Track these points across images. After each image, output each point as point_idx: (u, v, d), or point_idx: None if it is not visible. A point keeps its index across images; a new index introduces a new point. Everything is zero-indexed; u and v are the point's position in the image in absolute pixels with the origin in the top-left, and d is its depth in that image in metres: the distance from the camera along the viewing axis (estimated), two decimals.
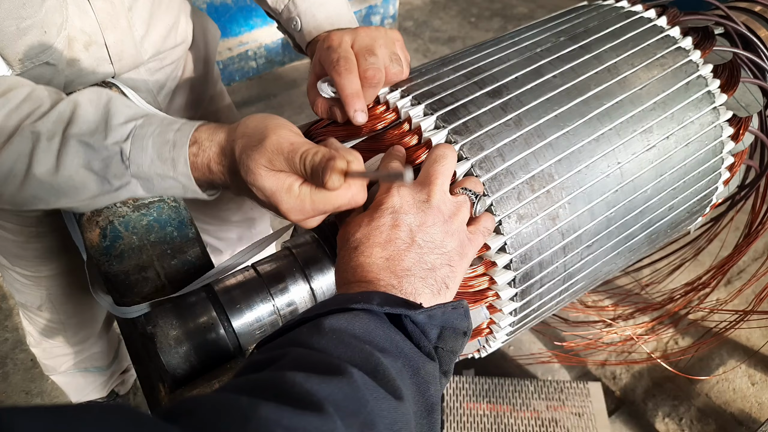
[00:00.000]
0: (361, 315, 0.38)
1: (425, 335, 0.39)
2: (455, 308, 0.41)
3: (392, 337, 0.38)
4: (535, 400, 1.28)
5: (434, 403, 0.37)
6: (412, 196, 0.46)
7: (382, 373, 0.35)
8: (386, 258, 0.43)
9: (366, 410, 0.32)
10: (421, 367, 0.37)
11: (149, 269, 0.59)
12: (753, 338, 1.47)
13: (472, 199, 0.49)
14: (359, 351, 0.35)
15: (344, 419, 0.30)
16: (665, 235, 0.72)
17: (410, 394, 0.36)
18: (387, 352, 0.36)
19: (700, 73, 0.64)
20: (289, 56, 2.10)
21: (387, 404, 0.33)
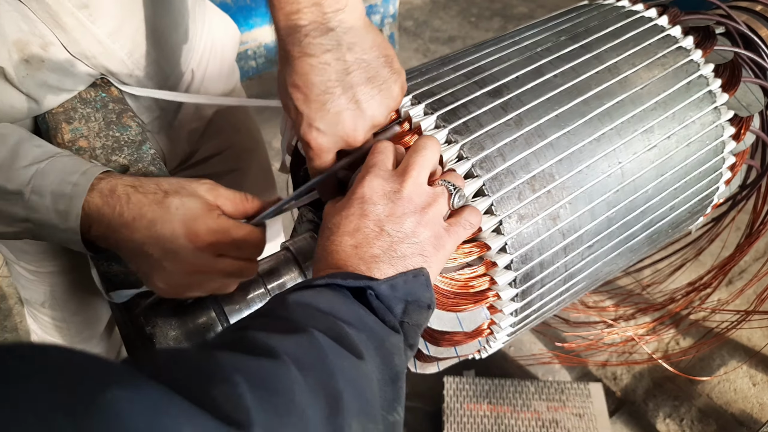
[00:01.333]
0: (325, 291, 0.40)
1: (391, 310, 0.41)
2: (416, 276, 0.42)
3: (356, 311, 0.39)
4: (536, 401, 1.28)
5: (399, 372, 0.39)
6: (383, 186, 0.46)
7: (346, 339, 0.36)
8: (354, 246, 0.44)
9: (325, 364, 0.33)
10: (385, 339, 0.39)
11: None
12: (754, 339, 1.46)
13: (451, 190, 0.48)
14: (323, 320, 0.37)
15: (301, 370, 0.31)
16: (666, 235, 0.71)
17: (374, 363, 0.37)
18: (351, 325, 0.38)
19: (701, 72, 0.64)
20: None
21: (348, 362, 0.35)
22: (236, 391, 0.27)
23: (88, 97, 0.70)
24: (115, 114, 0.70)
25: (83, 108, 0.70)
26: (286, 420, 0.29)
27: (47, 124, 0.68)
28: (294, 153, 0.65)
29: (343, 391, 0.33)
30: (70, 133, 0.67)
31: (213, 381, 0.27)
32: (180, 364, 0.28)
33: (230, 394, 0.27)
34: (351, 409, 0.33)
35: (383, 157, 0.49)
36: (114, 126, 0.69)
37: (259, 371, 0.30)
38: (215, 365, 0.28)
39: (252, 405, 0.27)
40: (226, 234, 0.49)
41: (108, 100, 0.71)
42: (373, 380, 0.36)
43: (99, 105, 0.70)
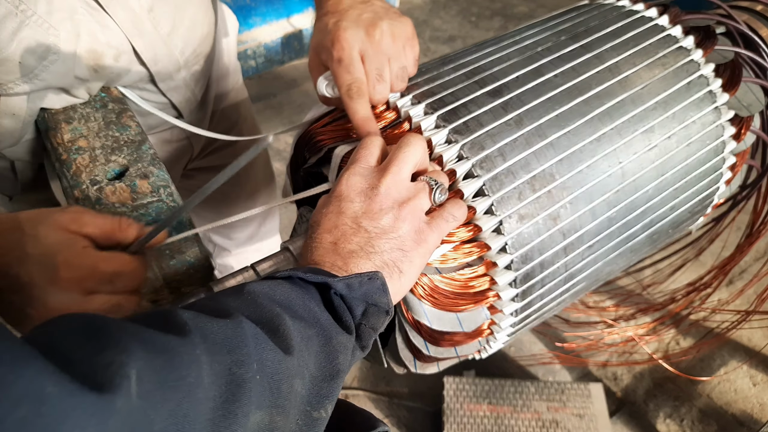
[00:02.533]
0: (284, 284, 0.40)
1: (351, 310, 0.41)
2: (371, 279, 0.42)
3: (310, 307, 0.40)
4: (536, 401, 1.28)
5: (339, 371, 0.39)
6: (362, 182, 0.47)
7: (282, 333, 0.36)
8: (333, 242, 0.45)
9: (242, 353, 0.33)
10: (333, 337, 0.40)
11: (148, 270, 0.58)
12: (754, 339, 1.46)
13: (432, 185, 0.48)
14: (267, 311, 0.37)
15: (212, 354, 0.31)
16: (667, 235, 0.71)
17: (313, 358, 0.38)
18: (301, 319, 0.38)
19: (702, 72, 0.64)
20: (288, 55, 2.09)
21: (272, 355, 0.35)
22: (120, 358, 0.26)
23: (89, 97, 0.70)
24: (114, 114, 0.70)
25: (83, 108, 0.69)
26: (170, 395, 0.28)
27: (47, 124, 0.68)
28: (293, 157, 0.65)
29: (249, 381, 0.33)
30: (69, 133, 0.67)
31: (99, 346, 0.27)
32: (72, 327, 0.28)
33: (112, 361, 0.26)
34: (255, 400, 0.33)
35: (367, 152, 0.49)
36: (114, 126, 0.69)
37: (159, 345, 0.29)
38: (111, 331, 0.28)
39: (134, 374, 0.26)
40: (92, 269, 0.44)
41: (108, 100, 0.71)
42: (299, 375, 0.36)
43: (99, 105, 0.70)
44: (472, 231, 0.52)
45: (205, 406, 0.30)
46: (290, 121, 2.17)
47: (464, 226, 0.52)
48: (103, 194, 0.61)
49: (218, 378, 0.31)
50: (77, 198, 0.61)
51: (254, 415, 0.33)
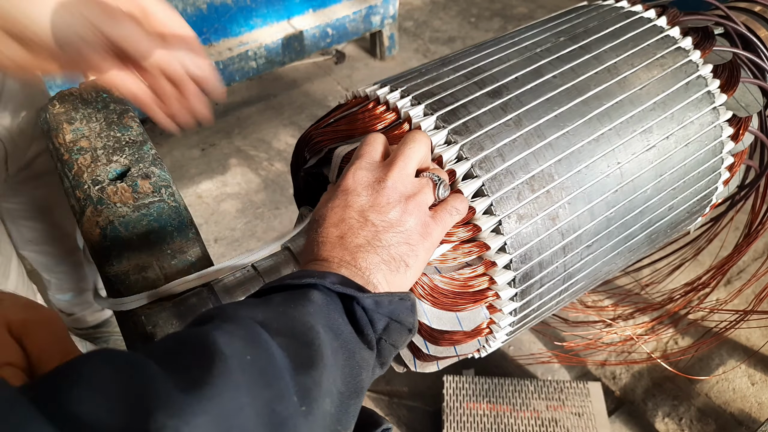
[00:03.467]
0: (314, 293, 0.39)
1: (372, 324, 0.40)
2: (402, 299, 0.41)
3: (335, 319, 0.38)
4: (535, 400, 1.28)
5: (363, 388, 0.38)
6: (368, 176, 0.47)
7: (315, 347, 0.34)
8: (339, 236, 0.44)
9: (279, 386, 0.31)
10: (356, 352, 0.38)
11: (149, 269, 0.59)
12: (753, 338, 1.47)
13: (435, 181, 0.49)
14: (300, 324, 0.35)
15: (252, 391, 0.29)
16: (665, 235, 0.72)
17: (339, 373, 0.36)
18: (330, 330, 0.37)
19: (700, 73, 0.64)
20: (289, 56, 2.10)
21: (305, 379, 0.32)
22: (174, 424, 0.25)
23: (89, 98, 0.71)
24: (116, 114, 0.70)
25: (84, 108, 0.70)
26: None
27: (48, 125, 0.68)
28: (294, 154, 0.65)
29: (290, 418, 0.30)
30: (71, 134, 0.67)
31: (144, 409, 0.25)
32: (103, 377, 0.26)
33: (164, 425, 0.25)
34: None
35: (371, 148, 0.49)
36: (115, 126, 0.69)
37: (201, 396, 0.27)
38: (157, 389, 0.26)
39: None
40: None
41: (109, 101, 0.71)
42: (329, 394, 0.34)
43: (100, 105, 0.71)
44: (472, 231, 0.52)
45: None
46: (290, 121, 2.17)
47: (464, 225, 0.52)
48: (105, 194, 0.61)
49: (260, 418, 0.29)
50: (79, 198, 0.62)
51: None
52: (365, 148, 0.49)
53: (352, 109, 0.60)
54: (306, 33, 2.09)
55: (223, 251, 1.72)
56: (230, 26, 1.98)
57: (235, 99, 2.28)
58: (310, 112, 2.20)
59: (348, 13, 2.16)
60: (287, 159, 2.00)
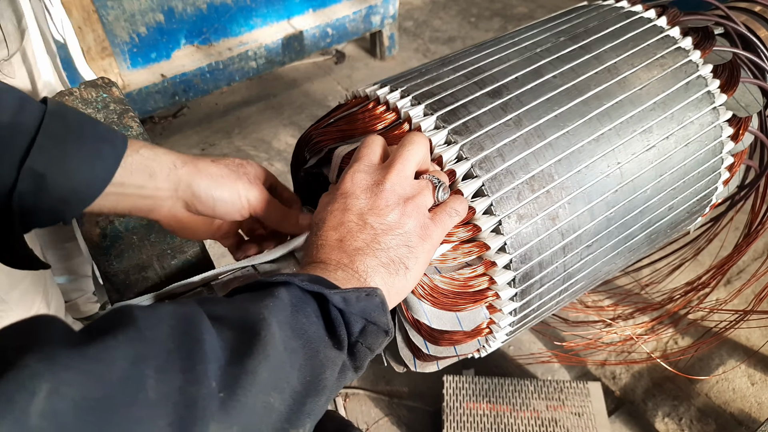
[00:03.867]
0: (280, 289, 0.38)
1: (348, 326, 0.39)
2: (369, 295, 0.40)
3: (299, 319, 0.38)
4: (535, 400, 1.28)
5: (325, 387, 0.37)
6: (366, 179, 0.47)
7: (262, 339, 0.34)
8: (338, 240, 0.44)
9: (197, 369, 0.30)
10: (320, 351, 0.37)
11: (149, 269, 0.59)
12: (753, 338, 1.47)
13: (435, 183, 0.49)
14: (252, 314, 0.35)
15: (160, 370, 0.29)
16: (665, 235, 0.72)
17: (296, 372, 0.35)
18: (289, 328, 0.36)
19: (700, 73, 0.64)
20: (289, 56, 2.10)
21: (239, 369, 0.32)
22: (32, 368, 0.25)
23: (90, 98, 0.71)
24: (116, 114, 0.70)
25: (84, 108, 0.70)
26: (95, 418, 0.26)
27: None
28: (294, 154, 0.65)
29: (204, 398, 0.30)
30: None
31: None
32: None
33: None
34: (215, 417, 0.30)
35: (369, 151, 0.49)
36: (115, 126, 0.69)
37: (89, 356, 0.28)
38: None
39: (44, 389, 0.25)
40: None
41: (109, 101, 0.71)
42: (277, 389, 0.34)
43: (100, 105, 0.71)
44: (472, 231, 0.52)
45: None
46: (290, 121, 2.17)
47: (463, 225, 0.52)
48: None
49: (166, 398, 0.28)
50: None
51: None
52: (363, 150, 0.49)
53: (352, 109, 0.60)
54: (306, 33, 2.09)
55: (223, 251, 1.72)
56: (230, 26, 1.98)
57: (235, 99, 2.28)
58: (310, 112, 2.20)
59: (348, 13, 2.16)
60: (287, 159, 2.00)
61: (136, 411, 0.27)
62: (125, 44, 1.82)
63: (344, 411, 1.36)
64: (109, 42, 1.74)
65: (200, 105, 2.26)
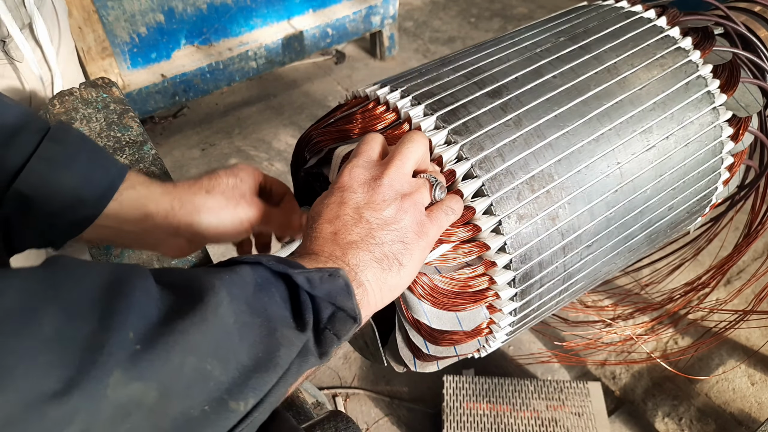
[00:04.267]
0: (245, 267, 0.38)
1: (316, 311, 0.39)
2: (332, 275, 0.40)
3: (261, 298, 0.37)
4: (535, 400, 1.28)
5: (277, 365, 0.36)
6: (364, 174, 0.47)
7: (204, 303, 0.33)
8: (333, 232, 0.44)
9: (113, 318, 0.30)
10: (278, 329, 0.37)
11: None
12: (753, 338, 1.47)
13: (432, 182, 0.49)
14: (200, 282, 0.35)
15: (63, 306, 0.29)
16: (665, 235, 0.72)
17: (246, 347, 0.35)
18: (245, 303, 0.36)
19: (700, 73, 0.64)
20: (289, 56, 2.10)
21: (169, 325, 0.32)
22: None
23: (90, 98, 0.71)
24: (116, 114, 0.70)
25: (84, 108, 0.70)
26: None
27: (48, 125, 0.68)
28: (294, 154, 0.65)
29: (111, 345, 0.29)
30: None
31: None
32: None
33: None
34: (123, 365, 0.29)
35: (368, 147, 0.49)
36: (115, 126, 0.69)
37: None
38: None
39: None
40: None
41: (109, 101, 0.71)
42: (217, 357, 0.33)
43: (100, 105, 0.71)
44: (472, 231, 0.52)
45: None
46: (290, 121, 2.17)
47: (463, 225, 0.52)
48: None
49: (66, 339, 0.28)
50: None
51: (122, 387, 0.29)
52: (363, 146, 0.49)
53: (352, 110, 0.60)
54: (306, 33, 2.09)
55: (223, 251, 1.72)
56: (230, 26, 1.98)
57: (235, 99, 2.28)
58: (310, 112, 2.20)
59: (348, 13, 2.16)
60: (287, 159, 2.00)
61: (17, 343, 0.27)
62: (125, 44, 1.82)
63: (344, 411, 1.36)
64: (110, 42, 1.74)
65: (200, 105, 2.26)
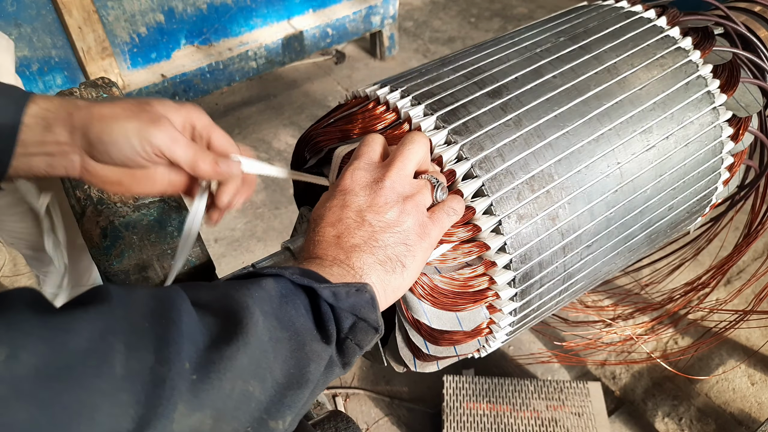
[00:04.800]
0: (269, 281, 0.38)
1: (338, 322, 0.39)
2: (359, 290, 0.40)
3: (287, 309, 0.37)
4: (535, 400, 1.28)
5: (308, 380, 0.36)
6: (366, 176, 0.47)
7: (244, 326, 0.33)
8: (336, 236, 0.44)
9: (169, 350, 0.30)
10: (307, 344, 0.37)
11: (149, 269, 0.59)
12: (753, 338, 1.47)
13: (434, 183, 0.49)
14: (235, 302, 0.35)
15: (131, 348, 0.29)
16: (665, 235, 0.72)
17: (280, 363, 0.35)
18: (275, 318, 0.36)
19: (700, 73, 0.64)
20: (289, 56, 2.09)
21: (216, 354, 0.31)
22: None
23: (90, 98, 0.71)
24: None
25: None
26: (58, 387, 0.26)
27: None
28: (294, 154, 0.65)
29: (172, 379, 0.30)
30: None
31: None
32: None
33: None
34: (185, 400, 0.30)
35: (369, 149, 0.49)
36: None
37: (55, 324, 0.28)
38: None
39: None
40: None
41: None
42: (258, 377, 0.33)
43: None
44: (472, 231, 0.52)
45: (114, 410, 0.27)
46: (290, 121, 2.17)
47: (463, 225, 0.52)
48: (105, 195, 0.61)
49: (135, 374, 0.28)
50: (79, 198, 0.62)
51: (186, 418, 0.29)
52: (364, 148, 0.49)
53: (352, 110, 0.60)
54: (306, 33, 2.09)
55: (223, 251, 1.72)
56: (230, 26, 1.98)
57: (235, 99, 2.28)
58: (310, 112, 2.20)
59: (348, 13, 2.16)
60: (287, 159, 2.00)
61: (98, 383, 0.27)
62: (125, 44, 1.82)
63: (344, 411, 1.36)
64: (110, 42, 1.74)
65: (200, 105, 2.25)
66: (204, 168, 0.47)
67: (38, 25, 1.61)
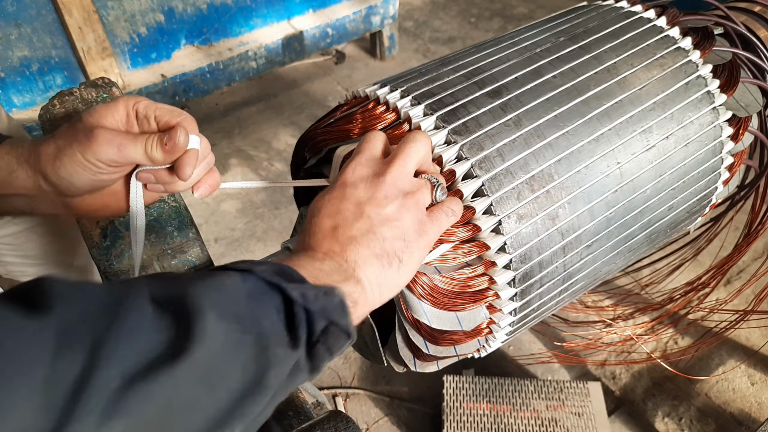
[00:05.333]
0: (234, 276, 0.36)
1: (310, 325, 0.37)
2: (327, 294, 0.38)
3: (253, 311, 0.35)
4: (535, 400, 1.28)
5: (266, 387, 0.34)
6: (367, 170, 0.47)
7: (192, 332, 0.31)
8: (333, 227, 0.44)
9: (100, 354, 0.28)
10: (270, 348, 0.35)
11: (149, 269, 0.59)
12: (753, 338, 1.47)
13: (434, 182, 0.49)
14: (187, 305, 0.32)
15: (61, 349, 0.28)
16: (665, 235, 0.72)
17: (238, 371, 0.33)
18: (236, 321, 0.34)
19: (700, 73, 0.64)
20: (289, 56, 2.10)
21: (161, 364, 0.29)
22: None
23: (90, 98, 0.71)
24: None
25: (85, 108, 0.70)
26: None
27: (51, 127, 0.68)
28: (294, 154, 0.65)
29: (96, 387, 0.28)
30: None
31: None
32: None
33: None
34: (109, 409, 0.28)
35: (371, 145, 0.49)
36: None
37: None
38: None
39: None
40: None
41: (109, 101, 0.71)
42: (207, 385, 0.31)
43: None
44: (471, 231, 0.52)
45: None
46: (290, 121, 2.17)
47: (463, 225, 0.52)
48: None
49: (58, 379, 0.27)
50: None
51: (109, 429, 0.27)
52: (365, 145, 0.49)
53: (352, 109, 0.60)
54: (306, 33, 2.09)
55: (223, 251, 1.72)
56: (230, 26, 1.98)
57: (235, 99, 2.28)
58: (310, 112, 2.20)
59: (348, 13, 2.16)
60: (287, 159, 2.00)
61: (16, 386, 0.26)
62: (125, 44, 1.82)
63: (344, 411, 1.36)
64: (110, 42, 1.74)
65: (200, 105, 2.26)
66: (156, 155, 0.47)
67: (38, 25, 1.61)
